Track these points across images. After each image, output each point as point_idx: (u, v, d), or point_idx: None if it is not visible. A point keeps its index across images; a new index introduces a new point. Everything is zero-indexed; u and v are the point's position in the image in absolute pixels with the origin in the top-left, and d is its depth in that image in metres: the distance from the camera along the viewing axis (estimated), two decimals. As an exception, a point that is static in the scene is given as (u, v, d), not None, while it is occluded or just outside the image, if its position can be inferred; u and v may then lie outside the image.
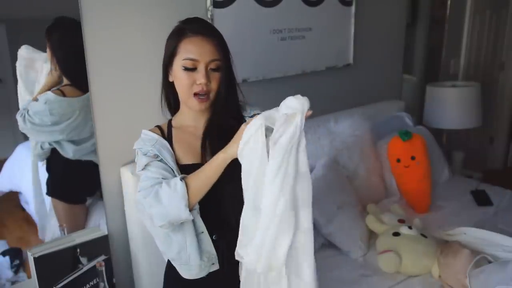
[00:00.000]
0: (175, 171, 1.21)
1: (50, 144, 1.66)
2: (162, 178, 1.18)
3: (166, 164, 1.22)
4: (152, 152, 1.23)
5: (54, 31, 1.60)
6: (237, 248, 1.12)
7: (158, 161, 1.22)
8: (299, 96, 1.04)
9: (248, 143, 1.07)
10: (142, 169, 1.22)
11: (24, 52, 1.57)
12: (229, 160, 1.13)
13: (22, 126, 1.59)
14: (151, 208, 1.16)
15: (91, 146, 1.70)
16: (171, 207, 1.14)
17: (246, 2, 2.02)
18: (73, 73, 1.64)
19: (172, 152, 1.25)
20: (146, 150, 1.24)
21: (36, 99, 1.61)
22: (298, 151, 1.05)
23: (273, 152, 1.02)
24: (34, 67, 1.60)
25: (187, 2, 1.81)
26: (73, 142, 1.68)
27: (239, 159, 1.10)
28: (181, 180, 1.15)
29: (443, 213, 2.27)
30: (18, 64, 1.56)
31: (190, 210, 1.15)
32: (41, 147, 1.66)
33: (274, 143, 1.03)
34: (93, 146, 1.70)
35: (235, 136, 1.13)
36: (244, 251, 1.10)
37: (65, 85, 1.64)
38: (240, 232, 1.11)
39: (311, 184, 1.09)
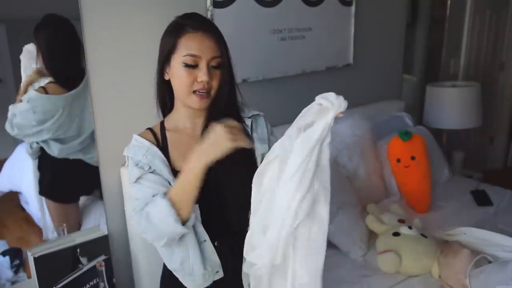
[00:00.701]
0: (171, 183, 1.15)
1: (37, 143, 1.65)
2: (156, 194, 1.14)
3: (160, 175, 1.15)
4: (143, 163, 1.16)
5: (42, 29, 1.59)
6: (246, 258, 1.08)
7: (151, 172, 1.16)
8: (341, 96, 1.00)
9: (266, 173, 1.04)
10: (134, 182, 1.16)
11: (31, 46, 1.57)
12: (209, 165, 1.06)
13: (10, 131, 1.59)
14: (147, 233, 1.13)
15: (78, 145, 1.69)
16: (163, 226, 1.10)
17: (246, 2, 2.02)
18: (59, 71, 1.63)
19: (167, 161, 1.18)
20: (137, 160, 1.17)
21: (20, 100, 1.61)
22: (322, 145, 1.00)
23: (299, 145, 0.98)
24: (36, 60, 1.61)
25: (187, 2, 1.81)
26: (59, 140, 1.66)
27: (253, 184, 1.06)
28: (162, 197, 1.10)
29: (443, 213, 2.27)
30: (22, 56, 1.56)
31: (184, 223, 1.11)
32: (30, 146, 1.65)
33: (300, 129, 0.99)
34: (81, 145, 1.69)
35: (212, 139, 1.05)
36: (256, 255, 1.06)
37: (49, 82, 1.63)
38: (247, 241, 1.08)
39: (329, 177, 1.04)
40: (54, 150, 1.67)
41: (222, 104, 1.21)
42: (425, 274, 1.79)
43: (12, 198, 1.70)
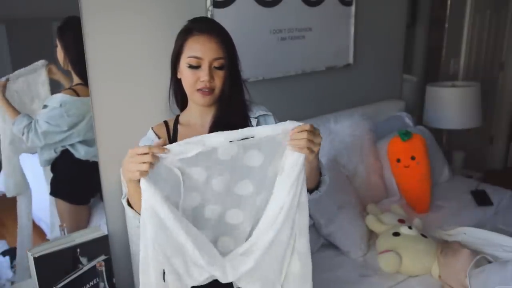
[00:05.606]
0: None
1: (63, 146, 1.66)
2: None
3: None
4: None
5: (67, 31, 1.59)
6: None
7: None
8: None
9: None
10: None
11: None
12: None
13: (38, 143, 1.58)
14: None
15: None
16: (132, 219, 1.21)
17: (246, 2, 2.02)
18: (85, 72, 1.63)
19: None
20: None
21: (44, 106, 1.61)
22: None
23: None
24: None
25: (187, 2, 1.81)
26: (86, 143, 1.68)
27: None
28: (123, 198, 1.19)
29: (443, 213, 2.27)
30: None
31: None
32: (55, 150, 1.66)
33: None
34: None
35: (124, 161, 1.02)
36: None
37: (77, 84, 1.64)
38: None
39: (308, 213, 1.13)
40: (81, 152, 1.68)
41: (227, 104, 1.27)
42: (425, 274, 1.79)
43: (12, 198, 1.70)
